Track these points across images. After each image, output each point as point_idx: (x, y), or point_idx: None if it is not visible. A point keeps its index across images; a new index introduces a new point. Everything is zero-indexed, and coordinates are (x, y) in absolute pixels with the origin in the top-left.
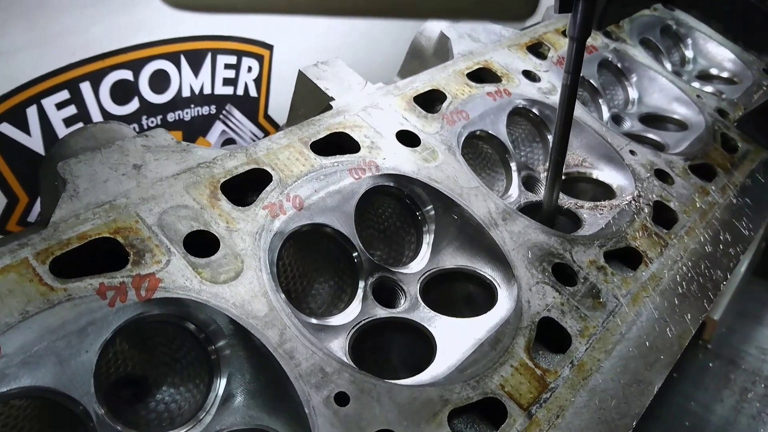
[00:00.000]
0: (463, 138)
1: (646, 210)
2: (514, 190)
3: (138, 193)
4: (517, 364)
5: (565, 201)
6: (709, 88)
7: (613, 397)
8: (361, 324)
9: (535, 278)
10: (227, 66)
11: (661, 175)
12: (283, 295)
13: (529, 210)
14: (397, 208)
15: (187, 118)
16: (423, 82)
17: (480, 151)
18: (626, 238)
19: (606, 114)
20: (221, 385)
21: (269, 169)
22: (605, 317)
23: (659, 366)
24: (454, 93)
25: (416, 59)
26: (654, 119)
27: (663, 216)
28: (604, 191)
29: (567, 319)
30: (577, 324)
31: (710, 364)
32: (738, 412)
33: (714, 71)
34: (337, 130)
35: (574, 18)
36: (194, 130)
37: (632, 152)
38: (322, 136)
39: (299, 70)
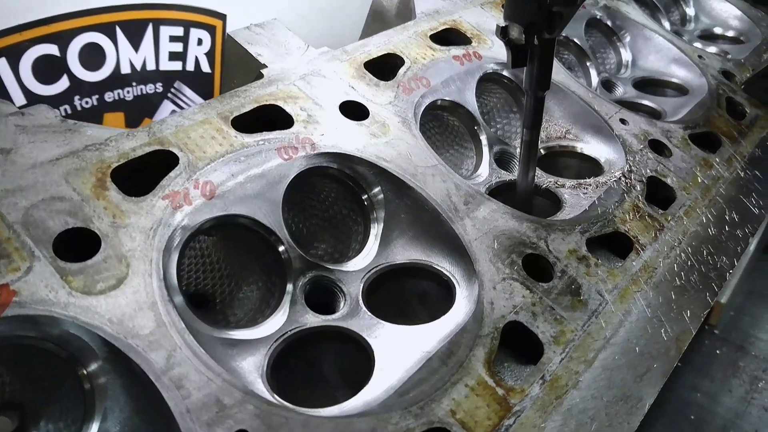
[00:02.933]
0: (422, 108)
1: (638, 187)
2: (484, 168)
3: (1, 183)
4: (473, 383)
5: (544, 179)
6: (712, 49)
7: (593, 419)
8: (285, 336)
9: (501, 274)
10: (173, 38)
11: (657, 147)
12: (174, 307)
13: (502, 191)
14: (340, 193)
15: (129, 97)
16: (377, 45)
17: (446, 123)
18: (614, 221)
19: (595, 79)
20: (95, 425)
21: (176, 151)
22: (586, 319)
23: (652, 377)
24: (414, 57)
25: (378, 22)
26: (650, 84)
27: (658, 194)
28: (591, 167)
29: (539, 323)
30: (551, 328)
31: (717, 351)
32: (748, 403)
33: (718, 30)
34: (267, 103)
35: (530, 72)
36: (138, 111)
37: (623, 121)
38: (247, 109)
39: (227, 34)
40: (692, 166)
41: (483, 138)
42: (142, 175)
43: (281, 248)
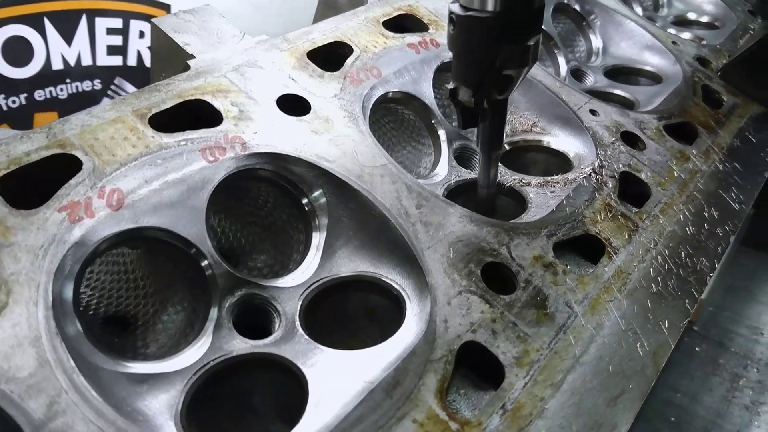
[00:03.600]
0: (371, 102)
1: (610, 184)
2: (443, 166)
3: None
4: (422, 418)
5: (508, 177)
6: (686, 35)
7: None
8: (206, 367)
9: (457, 286)
10: (111, 31)
11: (630, 139)
12: (63, 340)
13: (462, 191)
14: (279, 198)
15: (63, 95)
16: (323, 33)
17: (401, 118)
18: (584, 222)
19: (564, 68)
20: None
21: (80, 154)
22: (553, 335)
23: (627, 400)
24: (364, 46)
25: (330, 9)
26: (622, 72)
27: (632, 191)
28: (559, 162)
29: (500, 342)
30: (513, 348)
31: (697, 349)
32: (729, 402)
33: (692, 15)
34: (193, 98)
35: (482, 133)
36: (75, 110)
37: (593, 112)
38: (168, 105)
39: (151, 22)
40: (668, 160)
41: (441, 133)
42: (38, 184)
43: (204, 263)
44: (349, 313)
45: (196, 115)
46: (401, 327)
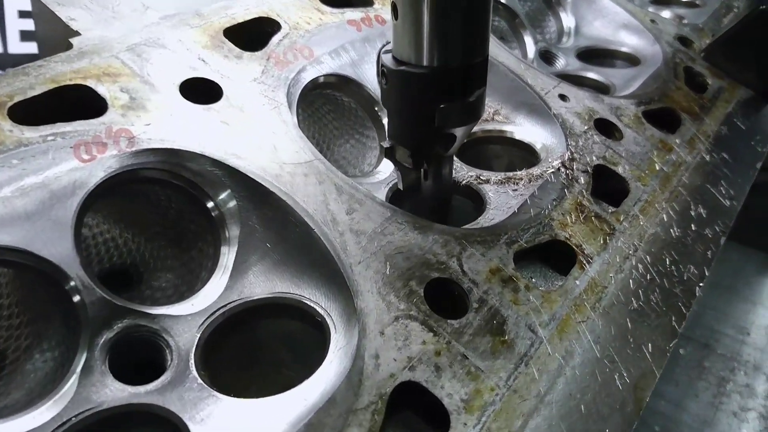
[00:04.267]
0: (300, 87)
1: (582, 180)
2: (388, 162)
3: None
4: None
5: (464, 174)
6: (666, 14)
7: None
8: (65, 427)
9: (393, 310)
10: (24, 14)
11: (605, 127)
12: None
13: (409, 192)
14: (184, 204)
15: None
16: (245, 7)
17: (342, 106)
18: (551, 226)
19: (531, 50)
20: None
21: None
22: (512, 368)
23: None
24: (295, 22)
25: None
26: (596, 55)
27: (607, 187)
28: (525, 155)
29: (444, 381)
30: (462, 388)
31: (681, 351)
32: (716, 409)
33: None
34: (71, 83)
35: (428, 191)
36: None
37: (563, 97)
38: (37, 92)
39: None
40: (648, 150)
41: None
42: None
43: (69, 287)
44: (263, 347)
45: (75, 104)
46: (320, 367)
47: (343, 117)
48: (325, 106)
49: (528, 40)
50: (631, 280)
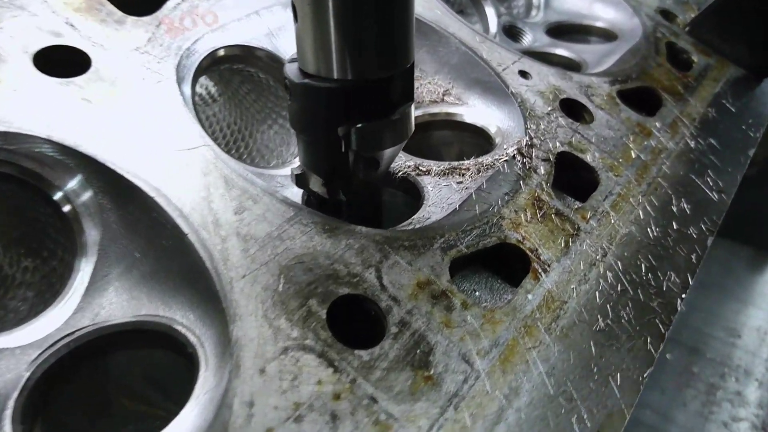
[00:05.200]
0: (198, 58)
1: (542, 169)
2: None
3: None
4: None
5: (401, 163)
6: None
7: None
8: None
9: (282, 339)
10: None
11: (572, 109)
12: None
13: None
14: (29, 202)
15: None
16: None
17: (258, 84)
18: (500, 226)
19: (494, 23)
20: None
21: None
22: (437, 413)
23: None
24: None
25: None
26: (568, 31)
27: (573, 178)
28: (477, 141)
29: None
30: None
31: (667, 356)
32: (706, 419)
33: None
34: None
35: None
36: None
37: (524, 74)
38: None
39: None
40: (622, 135)
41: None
42: None
43: None
44: (120, 387)
45: None
46: (176, 418)
47: (262, 98)
48: (244, 85)
49: (490, 13)
50: (597, 293)
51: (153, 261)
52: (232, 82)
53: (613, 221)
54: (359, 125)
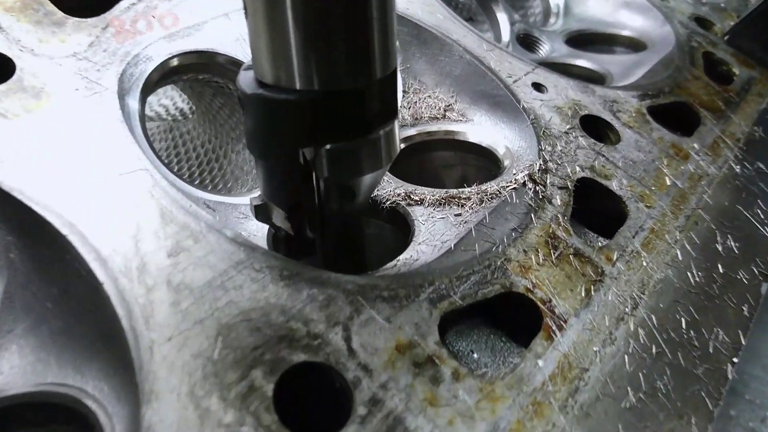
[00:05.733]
0: (148, 66)
1: (558, 199)
2: None
3: None
4: None
5: (391, 190)
6: None
7: None
8: None
9: (212, 425)
10: None
11: (595, 127)
12: None
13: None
14: None
15: None
16: None
17: (231, 97)
18: (506, 270)
19: (507, 32)
20: None
21: None
22: None
23: None
24: None
25: None
26: (590, 39)
27: (596, 210)
28: (483, 164)
29: None
30: None
31: None
32: None
33: None
34: None
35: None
36: None
37: (538, 86)
38: None
39: None
40: (654, 158)
41: None
42: None
43: None
44: None
45: None
46: None
47: (237, 113)
48: (217, 98)
49: (503, 21)
50: (626, 357)
51: (67, 314)
52: (205, 95)
53: (644, 264)
54: (329, 147)
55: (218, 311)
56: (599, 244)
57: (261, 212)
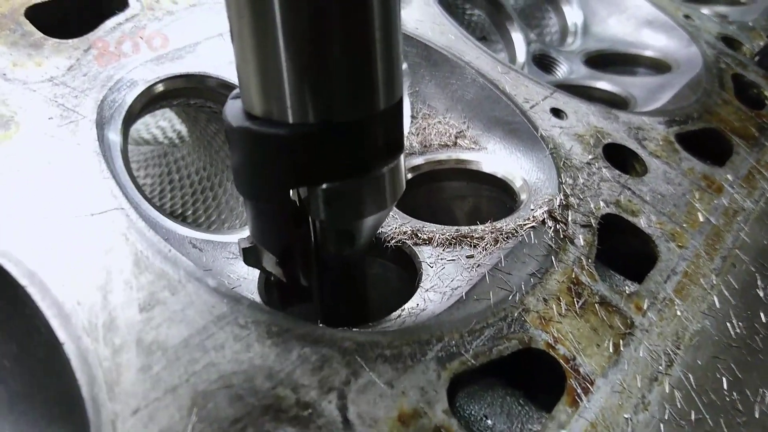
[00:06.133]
0: (131, 93)
1: (581, 239)
2: None
3: None
4: None
5: (395, 227)
6: (705, 11)
7: None
8: None
9: None
10: None
11: (618, 156)
12: None
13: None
14: None
15: None
16: None
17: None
18: (524, 322)
19: (522, 52)
20: None
21: None
22: None
23: None
24: (149, 2)
25: None
26: (610, 60)
27: (623, 250)
28: (497, 197)
29: None
30: None
31: None
32: None
33: None
34: None
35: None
36: None
37: (557, 112)
38: None
39: None
40: (685, 191)
41: None
42: None
43: None
44: None
45: None
46: None
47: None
48: (211, 124)
49: (518, 40)
50: (662, 426)
51: (27, 376)
52: (199, 121)
53: (679, 313)
54: (325, 187)
55: (194, 376)
56: (628, 289)
57: (250, 256)
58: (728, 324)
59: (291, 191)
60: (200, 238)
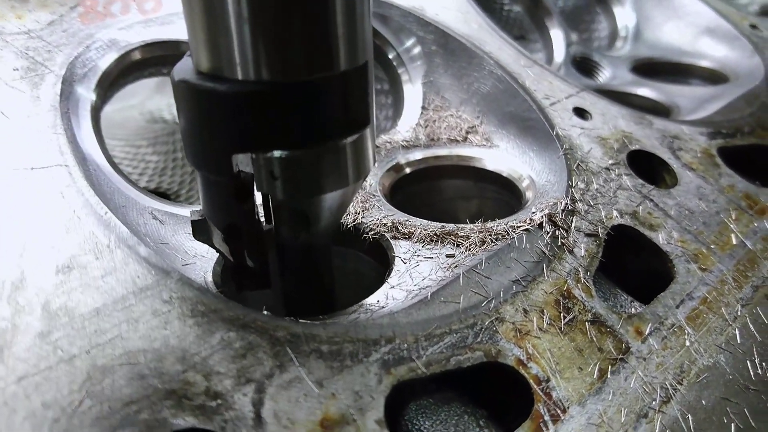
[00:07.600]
0: (110, 55)
1: (582, 249)
2: None
3: None
4: None
5: (378, 218)
6: None
7: None
8: None
9: None
10: None
11: (645, 164)
12: None
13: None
14: None
15: None
16: None
17: None
18: (493, 333)
19: (560, 53)
20: None
21: None
22: None
23: None
24: None
25: None
26: (661, 69)
27: (633, 267)
28: (502, 196)
29: None
30: None
31: None
32: None
33: None
34: None
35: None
36: None
37: (580, 112)
38: None
39: None
40: (720, 210)
41: None
42: None
43: None
44: None
45: None
46: None
47: None
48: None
49: (557, 40)
50: None
51: None
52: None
53: (688, 343)
54: (277, 154)
55: (96, 348)
56: (631, 310)
57: (199, 230)
58: (748, 362)
59: (235, 163)
60: (163, 210)
